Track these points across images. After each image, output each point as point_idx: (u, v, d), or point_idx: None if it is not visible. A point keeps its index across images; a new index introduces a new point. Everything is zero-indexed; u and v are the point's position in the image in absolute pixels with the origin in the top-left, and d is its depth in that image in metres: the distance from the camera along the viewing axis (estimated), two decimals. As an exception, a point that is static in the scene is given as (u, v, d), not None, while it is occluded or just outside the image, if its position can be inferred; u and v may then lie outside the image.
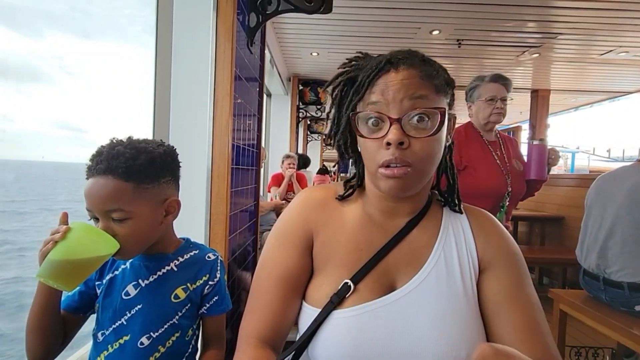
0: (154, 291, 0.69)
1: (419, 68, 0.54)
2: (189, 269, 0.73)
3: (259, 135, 1.87)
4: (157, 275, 0.70)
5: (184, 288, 0.71)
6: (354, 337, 0.52)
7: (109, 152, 0.63)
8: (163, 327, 0.68)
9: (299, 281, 0.59)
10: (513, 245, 0.60)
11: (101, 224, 0.62)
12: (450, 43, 3.27)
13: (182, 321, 0.71)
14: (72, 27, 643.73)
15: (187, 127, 1.18)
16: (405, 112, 0.51)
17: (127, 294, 0.68)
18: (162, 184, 0.68)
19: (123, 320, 0.67)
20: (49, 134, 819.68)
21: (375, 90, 0.54)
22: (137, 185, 0.63)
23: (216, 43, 1.13)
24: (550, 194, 3.58)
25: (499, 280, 0.56)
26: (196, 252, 0.76)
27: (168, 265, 0.72)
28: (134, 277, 0.70)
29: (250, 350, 0.54)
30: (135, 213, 0.63)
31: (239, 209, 1.48)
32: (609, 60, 3.62)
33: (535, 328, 0.52)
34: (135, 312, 0.68)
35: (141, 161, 0.64)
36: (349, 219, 0.61)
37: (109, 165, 0.62)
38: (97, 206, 0.62)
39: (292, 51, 3.75)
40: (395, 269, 0.57)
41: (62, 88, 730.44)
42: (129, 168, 0.62)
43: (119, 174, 0.62)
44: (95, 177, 0.62)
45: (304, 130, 6.08)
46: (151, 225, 0.67)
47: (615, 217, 1.58)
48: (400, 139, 0.50)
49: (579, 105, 5.95)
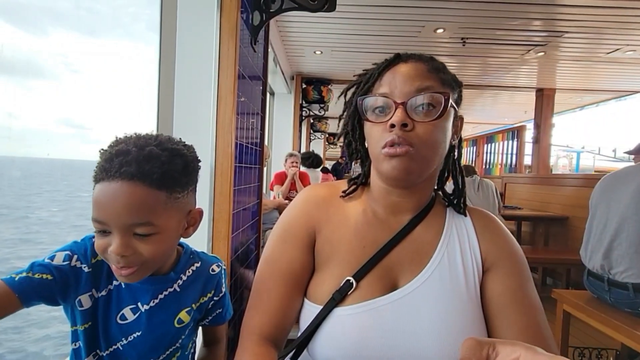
0: (155, 317, 0.59)
1: (427, 62, 0.55)
2: (193, 288, 0.64)
3: (262, 134, 1.87)
4: (159, 299, 0.60)
5: (188, 311, 0.62)
6: (355, 335, 0.51)
7: (139, 152, 0.51)
8: (165, 353, 0.62)
9: (301, 278, 0.59)
10: (517, 248, 0.60)
11: (120, 241, 0.50)
12: (454, 42, 3.24)
13: (184, 341, 0.64)
14: (76, 24, 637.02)
15: (190, 125, 1.18)
16: (410, 97, 0.53)
17: (124, 318, 0.58)
18: (190, 192, 0.58)
19: (119, 345, 0.58)
20: (54, 131, 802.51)
21: (384, 82, 0.56)
22: (170, 194, 0.53)
23: (220, 41, 1.13)
24: (554, 194, 3.56)
25: (502, 281, 0.56)
26: (198, 265, 0.66)
27: (171, 287, 0.61)
28: (132, 299, 0.59)
29: (252, 347, 0.54)
30: (163, 228, 0.53)
31: (242, 207, 1.49)
32: (615, 59, 3.58)
33: (537, 331, 0.52)
34: (134, 339, 0.58)
35: (177, 166, 0.54)
36: (352, 215, 0.61)
37: (140, 169, 0.50)
38: (119, 218, 0.50)
39: (296, 50, 3.75)
40: (399, 267, 0.57)
41: (66, 85, 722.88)
42: (165, 174, 0.52)
43: (152, 180, 0.51)
44: (118, 181, 0.49)
45: (307, 128, 6.08)
46: (174, 240, 0.57)
47: (621, 217, 1.56)
48: (404, 120, 0.52)
49: (585, 104, 5.90)
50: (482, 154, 6.86)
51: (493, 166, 6.40)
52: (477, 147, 7.16)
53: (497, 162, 6.22)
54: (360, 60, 3.81)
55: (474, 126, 8.81)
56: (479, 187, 3.00)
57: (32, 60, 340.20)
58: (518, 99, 5.70)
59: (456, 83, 0.58)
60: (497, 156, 6.24)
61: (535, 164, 4.98)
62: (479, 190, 2.99)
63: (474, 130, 9.16)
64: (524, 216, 3.58)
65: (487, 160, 6.63)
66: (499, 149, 6.14)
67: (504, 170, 5.83)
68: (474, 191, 2.98)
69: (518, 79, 4.57)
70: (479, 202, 2.93)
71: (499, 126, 7.55)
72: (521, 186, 4.21)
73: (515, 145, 5.57)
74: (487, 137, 6.76)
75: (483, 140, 6.89)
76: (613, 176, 1.74)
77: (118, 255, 0.51)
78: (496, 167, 6.26)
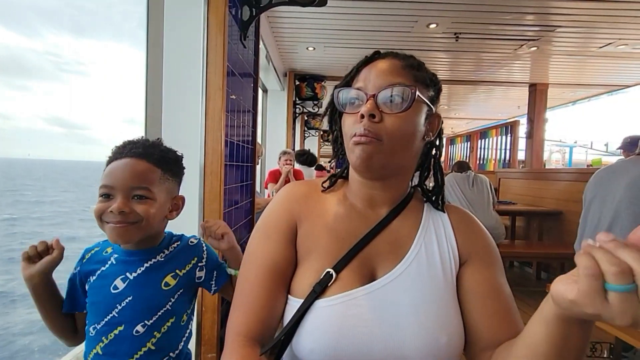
0: (143, 282, 0.71)
1: (403, 60, 0.58)
2: (177, 258, 0.76)
3: (254, 132, 1.84)
4: (145, 267, 0.72)
5: (174, 275, 0.73)
6: (335, 325, 0.52)
7: (145, 141, 0.73)
8: (157, 314, 0.70)
9: (285, 273, 0.59)
10: (491, 242, 0.64)
11: (121, 200, 0.65)
12: (447, 37, 3.23)
13: (175, 307, 0.73)
14: (66, 23, 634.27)
15: (179, 122, 1.16)
16: (381, 90, 0.55)
17: (116, 288, 0.70)
18: (176, 181, 0.76)
19: (114, 312, 0.69)
20: (44, 131, 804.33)
21: (361, 77, 0.59)
22: (164, 173, 0.72)
23: (207, 37, 1.10)
24: (548, 188, 3.58)
25: (479, 273, 0.59)
26: (179, 243, 0.79)
27: (155, 257, 0.74)
28: (121, 270, 0.71)
29: (238, 349, 0.53)
30: (155, 196, 0.69)
31: (234, 206, 1.46)
32: (608, 53, 3.60)
33: (508, 314, 0.57)
34: (126, 304, 0.69)
35: (172, 156, 0.75)
36: (331, 209, 0.62)
37: (145, 151, 0.70)
38: (125, 181, 0.66)
39: (288, 46, 3.72)
40: (377, 258, 0.58)
41: (56, 85, 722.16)
42: (163, 157, 0.72)
43: (154, 159, 0.70)
44: (128, 158, 0.68)
45: (301, 126, 6.04)
46: (161, 215, 0.72)
47: (615, 211, 1.57)
48: (371, 110, 0.54)
49: (578, 99, 5.94)
50: (476, 150, 6.88)
51: (487, 161, 6.43)
52: (471, 142, 7.19)
53: (491, 158, 6.25)
54: (353, 56, 3.77)
55: (468, 122, 8.84)
56: (474, 183, 3.00)
57: (20, 59, 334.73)
58: (511, 94, 5.73)
59: (432, 82, 0.60)
60: (491, 151, 6.26)
61: (528, 159, 5.01)
62: (473, 185, 2.99)
63: (468, 125, 9.19)
64: (518, 211, 3.60)
65: (481, 156, 6.66)
66: (493, 144, 6.16)
67: (498, 165, 5.86)
68: (468, 187, 2.98)
69: (511, 74, 4.58)
70: (473, 197, 2.93)
71: (493, 121, 7.58)
72: (515, 181, 4.23)
73: (508, 141, 5.59)
74: (481, 133, 6.78)
75: (477, 136, 6.92)
76: (606, 170, 1.74)
77: (119, 210, 0.65)
78: (490, 163, 6.29)
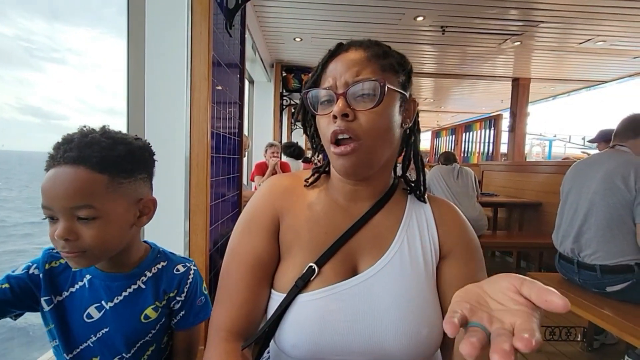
0: (120, 314, 0.61)
1: (367, 49, 0.56)
2: (156, 285, 0.64)
3: (241, 123, 1.82)
4: (123, 296, 0.61)
5: (154, 308, 0.63)
6: (318, 319, 0.53)
7: (80, 139, 0.54)
8: (136, 346, 0.62)
9: (268, 268, 0.58)
10: (473, 236, 0.63)
11: (63, 225, 0.52)
12: (434, 30, 3.25)
13: (156, 335, 0.64)
14: (39, 6, 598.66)
15: (163, 114, 1.13)
16: (349, 87, 0.53)
17: (90, 317, 0.60)
18: (139, 180, 0.60)
19: (89, 342, 0.60)
20: (16, 120, 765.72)
21: (329, 73, 0.56)
22: (112, 179, 0.55)
23: (192, 25, 1.08)
24: (528, 180, 3.68)
25: (460, 266, 0.59)
26: (164, 264, 0.66)
27: (134, 283, 0.62)
28: (96, 298, 0.60)
29: (221, 344, 0.53)
30: (106, 212, 0.54)
31: (221, 198, 1.45)
32: (587, 49, 3.70)
33: None
34: (103, 335, 0.60)
35: (119, 152, 0.56)
36: (314, 204, 0.62)
37: (80, 153, 0.53)
38: (60, 201, 0.52)
39: (275, 36, 3.66)
40: (360, 252, 0.58)
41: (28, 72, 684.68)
42: (105, 158, 0.54)
43: (92, 163, 0.53)
44: (62, 166, 0.52)
45: (288, 118, 5.99)
46: (122, 228, 0.58)
47: (590, 203, 1.63)
48: (344, 110, 0.52)
49: (558, 94, 6.10)
50: (461, 143, 7.01)
51: (471, 154, 6.56)
52: (455, 135, 7.30)
53: (475, 151, 6.38)
54: (340, 48, 3.76)
55: (453, 115, 8.97)
56: (459, 175, 3.06)
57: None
58: (495, 88, 5.83)
59: (401, 66, 0.57)
60: (475, 145, 6.39)
61: (510, 152, 5.14)
62: (458, 178, 3.05)
63: (453, 119, 9.33)
64: (500, 202, 3.69)
65: (466, 149, 6.79)
66: (477, 137, 6.29)
67: (482, 158, 5.99)
68: (453, 179, 3.04)
69: (495, 69, 4.65)
70: (458, 189, 2.99)
71: (477, 115, 7.71)
72: (497, 174, 4.34)
73: (492, 134, 5.71)
74: (466, 126, 6.90)
75: (461, 129, 7.04)
76: (583, 163, 1.80)
77: (61, 238, 0.52)
78: (474, 155, 6.42)
